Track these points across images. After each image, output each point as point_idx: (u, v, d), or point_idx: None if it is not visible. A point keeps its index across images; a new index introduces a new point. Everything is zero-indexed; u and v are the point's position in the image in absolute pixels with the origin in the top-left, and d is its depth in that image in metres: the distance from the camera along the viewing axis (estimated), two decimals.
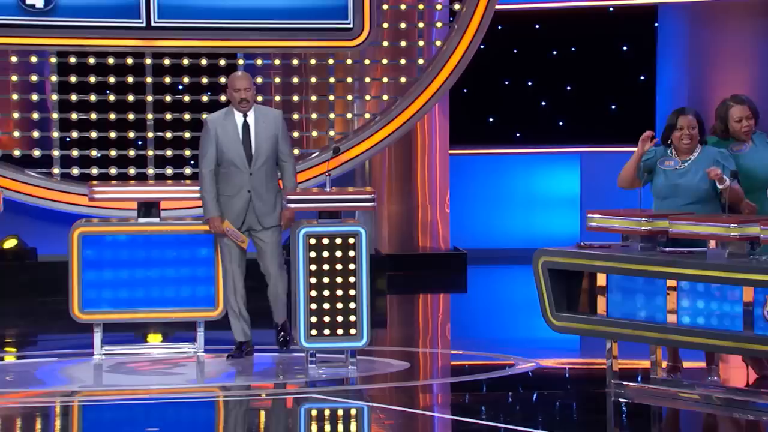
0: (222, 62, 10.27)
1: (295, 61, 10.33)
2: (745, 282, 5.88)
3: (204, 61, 10.26)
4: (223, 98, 10.19)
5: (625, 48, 12.69)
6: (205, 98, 10.25)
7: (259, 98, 10.40)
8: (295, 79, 10.43)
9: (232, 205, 7.19)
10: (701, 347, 6.21)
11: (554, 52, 12.77)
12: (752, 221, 6.05)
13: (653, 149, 6.69)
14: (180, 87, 10.33)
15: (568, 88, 12.78)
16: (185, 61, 10.26)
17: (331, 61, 10.37)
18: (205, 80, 10.26)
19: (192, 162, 10.25)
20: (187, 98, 10.28)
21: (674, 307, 6.15)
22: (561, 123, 12.80)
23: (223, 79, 10.19)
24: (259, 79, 10.31)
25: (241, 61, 10.30)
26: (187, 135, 10.23)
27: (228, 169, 7.17)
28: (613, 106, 12.72)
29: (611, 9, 12.42)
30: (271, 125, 7.21)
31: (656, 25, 12.37)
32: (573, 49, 12.73)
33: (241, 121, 7.19)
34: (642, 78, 12.58)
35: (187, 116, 10.22)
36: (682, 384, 6.41)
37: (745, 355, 6.08)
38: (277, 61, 10.34)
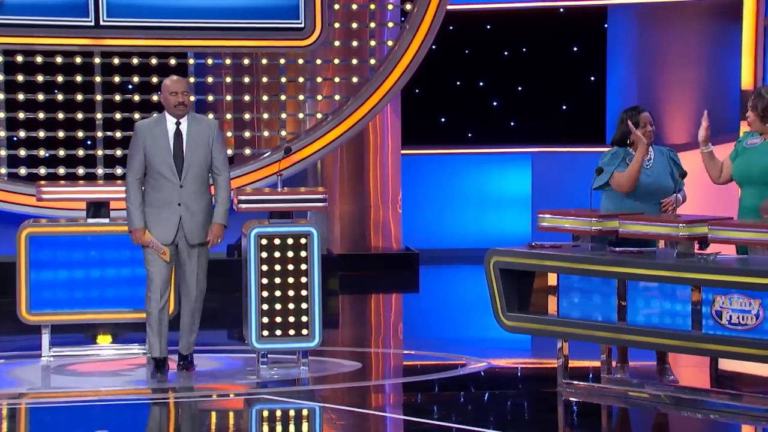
0: (172, 61, 10.20)
1: (246, 61, 10.28)
2: (693, 282, 5.93)
3: (154, 61, 10.19)
4: None
5: (575, 48, 12.77)
6: (155, 98, 10.17)
7: (210, 98, 10.37)
8: (246, 79, 10.38)
9: (161, 218, 6.77)
10: (651, 347, 6.25)
11: (505, 53, 12.82)
12: (701, 221, 6.11)
13: (617, 150, 6.73)
14: (129, 86, 10.25)
15: (520, 88, 12.84)
16: (135, 61, 10.18)
17: (282, 61, 10.34)
18: (155, 79, 10.19)
19: None
20: (137, 98, 10.20)
21: (624, 306, 6.19)
22: (512, 123, 12.86)
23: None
24: (209, 79, 10.26)
25: (191, 61, 10.24)
26: None
27: (156, 179, 6.75)
28: (564, 107, 12.79)
29: (561, 10, 12.49)
30: (205, 134, 6.77)
31: (606, 25, 12.46)
32: (524, 49, 12.79)
33: (173, 129, 6.78)
34: (592, 78, 12.66)
35: (136, 116, 10.14)
36: (632, 383, 6.45)
37: (693, 354, 6.13)
38: (227, 61, 10.29)
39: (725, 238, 5.97)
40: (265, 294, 7.10)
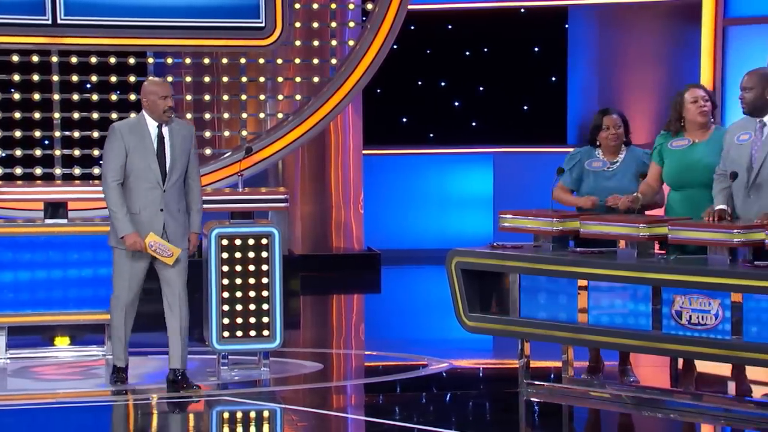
0: (131, 61, 10.15)
1: (206, 60, 10.25)
2: (653, 282, 5.98)
3: (113, 60, 10.13)
4: (132, 97, 10.07)
5: (536, 49, 12.82)
6: (113, 97, 10.11)
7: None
8: (207, 78, 10.34)
9: (141, 225, 6.51)
10: (611, 347, 6.29)
11: (467, 53, 12.85)
12: (661, 221, 6.15)
13: (578, 151, 6.76)
14: (88, 85, 10.18)
15: (481, 88, 12.88)
16: (93, 60, 10.11)
17: (243, 61, 10.31)
18: (113, 79, 10.13)
19: (101, 162, 10.11)
20: (95, 97, 10.14)
21: (585, 306, 6.22)
22: (474, 123, 12.89)
23: (132, 78, 10.07)
24: (169, 78, 10.21)
25: (150, 60, 10.18)
26: (95, 134, 10.09)
27: (137, 184, 6.50)
28: (526, 107, 12.85)
29: (523, 10, 12.54)
30: (186, 140, 6.59)
31: (567, 26, 12.52)
32: (485, 50, 12.82)
33: (155, 132, 6.55)
34: (553, 79, 12.72)
35: (95, 115, 10.08)
36: (594, 383, 6.49)
37: (653, 354, 6.18)
38: (188, 60, 10.25)
39: (685, 239, 6.02)
40: (225, 295, 7.08)
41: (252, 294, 7.09)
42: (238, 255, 7.09)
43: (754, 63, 10.74)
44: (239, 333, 7.07)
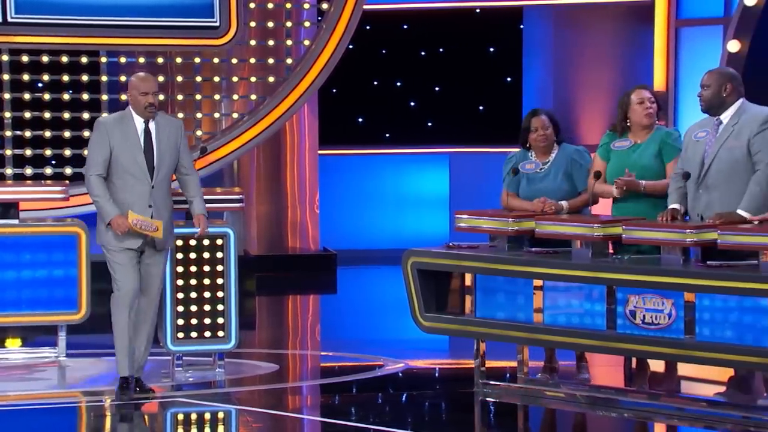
0: (84, 59, 10.07)
1: (160, 60, 10.19)
2: (607, 281, 6.02)
3: (65, 59, 10.05)
4: (85, 96, 10.00)
5: (492, 49, 12.87)
6: (66, 96, 10.03)
7: (123, 97, 10.23)
8: (161, 78, 10.27)
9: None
10: (566, 346, 6.33)
11: (422, 53, 12.88)
12: (615, 222, 6.20)
13: (513, 154, 6.79)
14: (39, 84, 10.09)
15: (437, 88, 12.91)
16: (45, 59, 10.03)
17: (197, 60, 10.26)
18: (66, 78, 10.05)
19: (53, 162, 10.02)
20: (47, 96, 10.05)
21: (540, 306, 6.26)
22: (430, 123, 12.92)
23: (85, 77, 10.00)
24: (122, 78, 10.14)
25: (104, 59, 10.11)
26: (47, 134, 10.01)
27: (124, 180, 6.38)
28: (481, 107, 12.89)
29: (478, 11, 12.59)
30: (174, 134, 6.47)
31: (522, 26, 12.59)
32: (441, 50, 12.86)
33: (141, 127, 6.42)
34: (508, 79, 12.78)
35: (47, 114, 10.00)
36: (549, 383, 6.53)
37: (608, 353, 6.23)
38: (141, 59, 10.18)
39: (639, 239, 6.07)
40: (180, 295, 7.05)
41: (207, 295, 7.07)
42: (192, 255, 7.06)
43: (706, 64, 10.85)
44: (194, 334, 7.04)
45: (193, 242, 7.02)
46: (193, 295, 7.06)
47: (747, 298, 5.62)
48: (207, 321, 7.08)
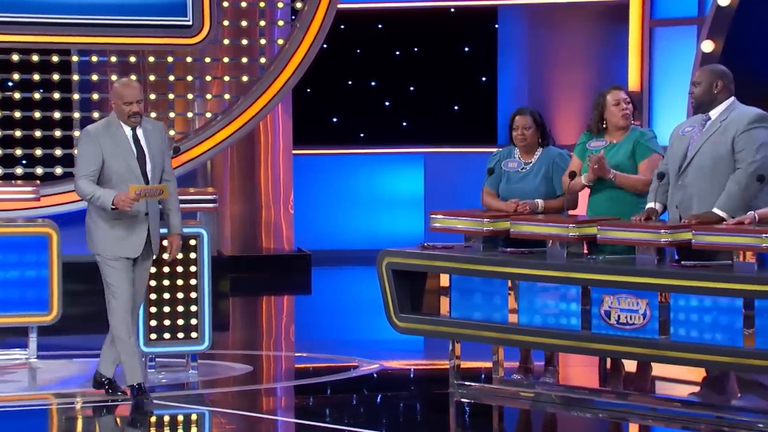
0: (55, 59, 10.02)
1: (132, 59, 10.15)
2: (582, 282, 6.04)
3: (35, 57, 9.99)
4: (56, 96, 9.95)
5: (466, 49, 12.89)
6: (36, 95, 9.98)
7: (95, 96, 10.20)
8: (133, 77, 10.25)
9: (128, 231, 6.29)
10: (541, 347, 6.35)
11: (397, 53, 12.88)
12: (590, 222, 6.22)
13: (499, 151, 6.80)
14: (10, 84, 10.03)
15: (411, 88, 12.91)
16: (15, 57, 9.97)
17: (170, 59, 10.23)
18: (36, 77, 10.00)
19: (24, 161, 9.97)
20: (17, 95, 9.99)
21: (515, 307, 6.27)
22: (404, 123, 12.92)
23: (56, 76, 9.95)
24: (94, 77, 10.10)
25: (75, 58, 10.06)
26: (17, 134, 9.96)
27: (118, 188, 6.23)
28: (456, 107, 12.91)
29: (453, 10, 12.60)
30: (159, 139, 6.38)
31: (496, 26, 12.61)
32: (416, 49, 12.86)
33: (130, 134, 6.32)
34: (483, 79, 12.80)
35: (17, 114, 9.94)
36: (524, 384, 6.54)
37: (583, 354, 6.25)
38: (113, 58, 10.14)
39: (614, 238, 6.09)
40: (153, 296, 7.03)
41: (180, 295, 7.05)
42: (165, 256, 7.03)
43: (680, 64, 10.94)
44: (167, 335, 7.01)
45: (166, 243, 6.99)
46: (167, 296, 7.03)
47: (721, 298, 5.64)
48: (180, 322, 7.05)
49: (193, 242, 7.06)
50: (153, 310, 7.02)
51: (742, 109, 6.09)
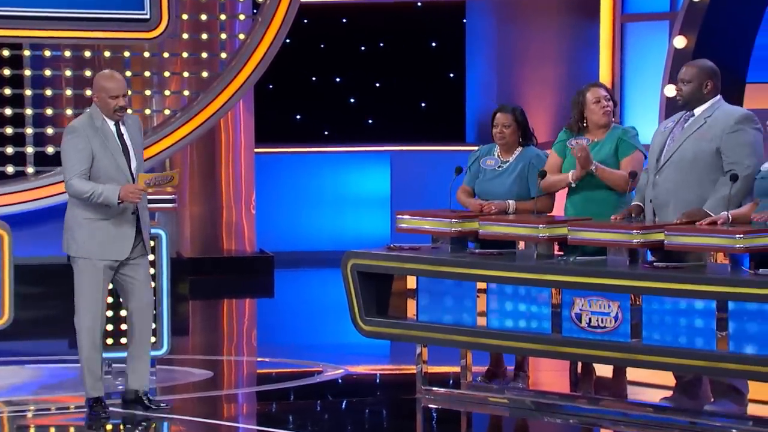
0: (5, 53, 9.95)
1: (87, 53, 10.10)
2: (552, 284, 6.07)
3: None
4: (7, 91, 9.88)
5: (434, 44, 12.92)
6: None
7: (48, 92, 10.14)
8: (88, 73, 10.19)
9: (116, 231, 6.14)
10: (511, 350, 6.37)
11: (362, 48, 12.89)
12: (561, 222, 6.25)
13: (480, 148, 6.82)
14: None
15: (377, 84, 12.93)
16: None
17: (126, 54, 10.18)
18: None
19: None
20: None
21: (483, 309, 6.29)
22: (370, 120, 12.93)
23: (7, 71, 9.88)
24: (47, 72, 10.04)
25: (27, 52, 9.99)
26: None
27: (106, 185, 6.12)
28: (423, 104, 12.93)
29: (419, 4, 12.62)
30: (138, 133, 6.30)
31: (464, 21, 12.64)
32: (381, 44, 12.88)
33: (114, 129, 6.20)
34: (451, 75, 12.83)
35: None
36: (493, 389, 6.57)
37: (553, 357, 6.28)
38: (67, 53, 10.09)
39: (585, 239, 6.12)
40: (109, 300, 6.98)
41: None
42: None
43: (652, 59, 11.02)
44: (124, 340, 6.98)
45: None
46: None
47: (694, 300, 5.69)
48: None
49: (151, 243, 7.04)
50: (109, 313, 6.99)
51: (727, 107, 6.13)
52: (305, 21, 11.83)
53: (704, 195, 6.02)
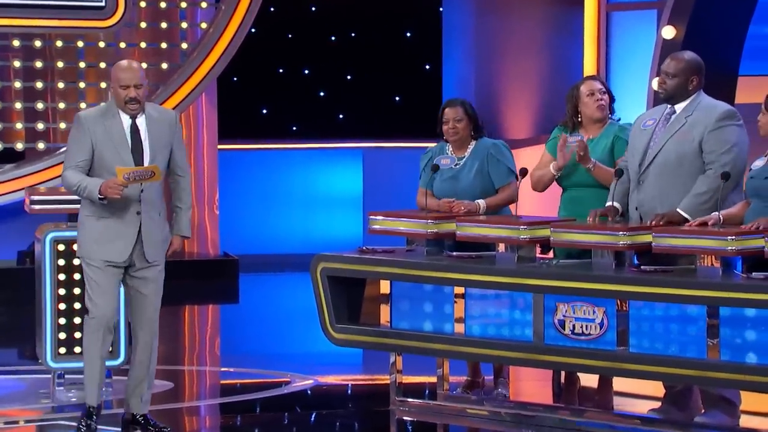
0: None
1: (38, 43, 10.06)
2: (534, 288, 6.07)
3: None
4: None
5: (408, 34, 12.92)
6: None
7: None
8: (39, 64, 10.15)
9: (115, 231, 6.03)
10: (490, 359, 6.37)
11: (332, 38, 12.88)
12: (544, 223, 6.25)
13: (431, 148, 6.81)
14: None
15: (349, 77, 12.92)
16: None
17: (80, 44, 10.15)
18: None
19: None
20: None
21: (461, 316, 6.29)
22: (341, 115, 12.93)
23: None
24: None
25: None
26: None
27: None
28: (398, 98, 12.94)
29: None
30: (166, 130, 6.09)
31: (441, 10, 12.65)
32: (353, 34, 12.87)
33: (128, 123, 6.04)
34: (427, 67, 12.84)
35: None
36: (472, 400, 6.57)
37: (535, 367, 6.28)
38: (16, 42, 10.04)
39: (568, 241, 6.12)
40: (62, 306, 6.97)
41: None
42: (76, 261, 6.98)
43: (639, 51, 11.05)
44: (77, 349, 6.95)
45: (76, 246, 6.93)
46: (77, 305, 6.97)
47: (684, 305, 5.70)
48: None
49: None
50: (62, 321, 6.97)
51: (707, 103, 6.13)
52: (271, 9, 11.82)
53: None
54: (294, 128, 12.85)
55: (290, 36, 12.81)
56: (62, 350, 6.98)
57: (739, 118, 6.09)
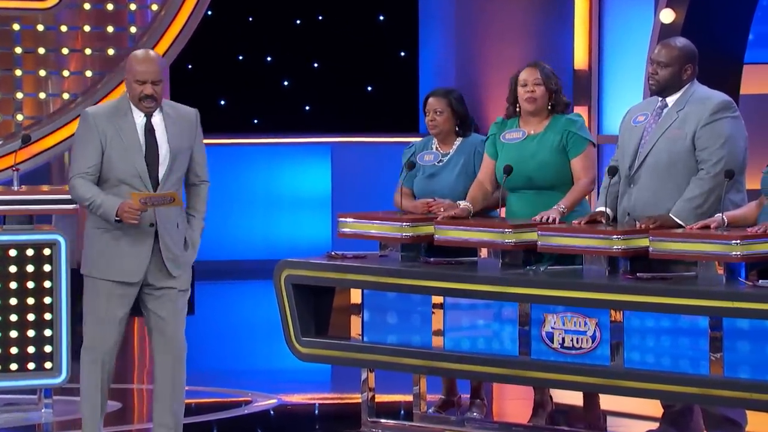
0: None
1: None
2: (520, 298, 6.10)
3: None
4: None
5: (381, 18, 12.96)
6: None
7: None
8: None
9: (127, 246, 5.80)
10: (471, 376, 6.41)
11: (297, 21, 12.90)
12: (531, 226, 6.28)
13: (414, 143, 6.83)
14: None
15: (316, 65, 12.95)
16: None
17: (16, 27, 10.13)
18: None
19: None
20: None
21: (440, 328, 6.32)
22: (307, 107, 12.96)
23: None
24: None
25: None
26: None
27: (118, 189, 5.77)
28: (369, 88, 12.97)
29: None
30: (186, 131, 5.90)
31: None
32: (320, 17, 12.90)
33: (141, 122, 5.82)
34: (402, 54, 12.88)
35: None
36: (450, 420, 6.60)
37: (520, 384, 6.31)
38: None
39: (556, 245, 6.16)
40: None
41: (31, 317, 7.01)
42: (13, 269, 7.01)
43: (635, 37, 11.10)
44: (14, 366, 6.98)
45: (13, 252, 6.94)
46: (14, 317, 7.00)
47: (684, 316, 5.74)
48: (31, 350, 7.00)
49: (47, 251, 7.02)
50: None
51: (701, 94, 6.15)
52: None
53: None
54: (255, 121, 12.87)
55: (251, 19, 12.82)
56: None
57: (735, 110, 6.10)
